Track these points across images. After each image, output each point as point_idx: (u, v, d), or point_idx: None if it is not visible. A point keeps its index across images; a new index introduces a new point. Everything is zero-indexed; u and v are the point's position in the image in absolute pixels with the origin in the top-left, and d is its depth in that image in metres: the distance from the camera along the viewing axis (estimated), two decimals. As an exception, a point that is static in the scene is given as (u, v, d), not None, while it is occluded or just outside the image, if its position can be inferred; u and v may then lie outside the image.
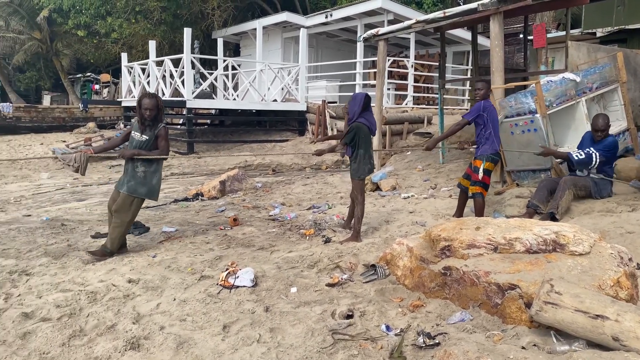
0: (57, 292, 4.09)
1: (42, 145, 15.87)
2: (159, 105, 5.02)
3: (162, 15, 17.69)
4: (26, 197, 8.95)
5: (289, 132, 15.49)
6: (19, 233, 6.12)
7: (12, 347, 3.18)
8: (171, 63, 14.10)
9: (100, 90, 28.75)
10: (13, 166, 12.65)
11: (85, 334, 3.35)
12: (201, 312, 3.63)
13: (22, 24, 23.04)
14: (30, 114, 19.51)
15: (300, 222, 6.36)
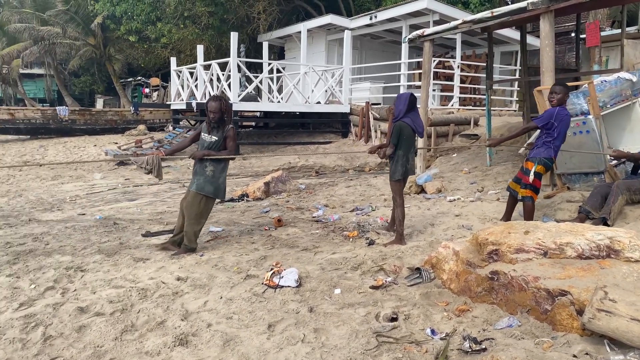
0: (110, 288, 4.26)
1: (95, 146, 16.51)
2: (223, 107, 5.17)
3: (210, 20, 18.09)
4: (81, 197, 9.33)
5: (332, 134, 15.53)
6: (74, 231, 6.41)
7: (68, 339, 3.33)
8: (218, 67, 14.40)
9: (150, 93, 29.66)
10: (69, 166, 13.23)
11: (136, 329, 3.47)
12: (247, 311, 3.69)
13: (77, 30, 24.05)
14: (84, 117, 20.31)
15: (343, 224, 6.37)
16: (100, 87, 32.23)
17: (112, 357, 3.07)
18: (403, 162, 5.33)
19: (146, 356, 3.08)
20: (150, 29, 19.26)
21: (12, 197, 9.44)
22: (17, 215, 7.72)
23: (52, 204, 8.69)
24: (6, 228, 6.75)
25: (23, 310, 3.82)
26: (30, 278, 4.57)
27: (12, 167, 13.00)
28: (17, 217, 7.56)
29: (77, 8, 23.38)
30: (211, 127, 5.27)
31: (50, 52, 27.58)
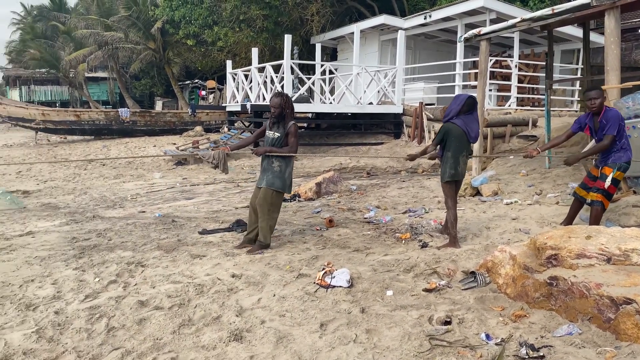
0: (169, 283, 4.42)
1: (154, 147, 17.14)
2: (283, 103, 5.29)
3: (264, 23, 18.39)
4: (141, 195, 9.72)
5: (384, 135, 15.44)
6: (135, 228, 6.68)
7: (130, 331, 3.49)
8: (272, 69, 14.62)
9: (206, 95, 30.51)
10: (130, 166, 13.80)
11: (193, 323, 3.58)
12: (299, 309, 3.74)
13: (139, 35, 25.06)
14: (144, 118, 21.14)
15: (395, 225, 6.32)
16: (159, 89, 33.45)
17: (170, 350, 3.19)
18: (452, 164, 5.23)
19: (202, 350, 3.18)
20: (207, 32, 19.80)
21: (77, 194, 9.94)
22: (82, 212, 8.13)
23: (114, 201, 9.09)
24: (72, 224, 7.13)
25: (88, 302, 4.02)
26: (95, 272, 4.80)
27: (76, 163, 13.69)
28: (82, 213, 7.96)
29: (139, 13, 24.36)
30: (272, 122, 5.41)
31: (113, 57, 28.92)
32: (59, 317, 3.73)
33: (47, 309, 3.89)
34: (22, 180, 11.94)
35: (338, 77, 15.13)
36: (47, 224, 7.22)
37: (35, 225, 7.09)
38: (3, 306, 4.02)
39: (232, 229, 6.33)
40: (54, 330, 3.51)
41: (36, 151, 18.26)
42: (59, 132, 20.98)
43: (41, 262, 5.23)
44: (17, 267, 5.08)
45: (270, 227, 5.40)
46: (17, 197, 9.58)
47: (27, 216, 7.83)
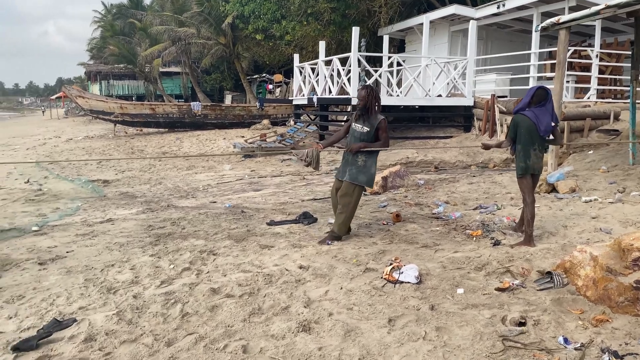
0: (239, 272, 4.53)
1: (224, 139, 17.63)
2: (369, 95, 5.24)
3: (332, 16, 18.40)
4: (212, 186, 10.03)
5: (453, 129, 15.04)
6: (207, 217, 6.90)
7: (203, 317, 3.60)
8: (339, 62, 14.61)
9: (273, 89, 30.99)
10: (202, 158, 14.28)
11: (262, 312, 3.65)
12: (367, 303, 3.72)
13: (210, 30, 25.80)
14: (215, 112, 21.79)
15: (466, 222, 6.15)
16: (228, 83, 34.34)
17: (241, 337, 3.27)
18: (522, 158, 5.03)
19: (272, 339, 3.23)
20: (275, 27, 20.08)
21: (153, 184, 10.41)
22: (158, 201, 8.50)
23: (187, 191, 9.44)
24: (148, 212, 7.47)
25: (164, 288, 4.20)
26: (170, 259, 5.01)
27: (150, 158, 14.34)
28: (158, 202, 8.32)
29: (210, 9, 25.07)
30: (358, 115, 5.39)
31: (186, 52, 29.96)
32: (137, 301, 3.92)
33: (126, 293, 4.11)
34: (102, 170, 12.65)
35: (406, 69, 14.89)
36: (125, 212, 7.62)
37: (114, 213, 7.50)
38: (87, 288, 4.28)
39: (299, 221, 6.40)
40: (132, 313, 3.69)
41: (115, 142, 19.29)
42: (135, 124, 22.05)
43: (120, 248, 5.53)
44: (98, 252, 5.40)
45: (346, 221, 5.41)
46: (98, 186, 10.18)
47: (107, 204, 8.30)
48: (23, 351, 3.16)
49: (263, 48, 24.01)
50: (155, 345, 3.19)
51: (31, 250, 5.61)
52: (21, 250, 5.60)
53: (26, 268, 4.97)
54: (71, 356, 3.11)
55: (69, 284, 4.41)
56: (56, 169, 12.80)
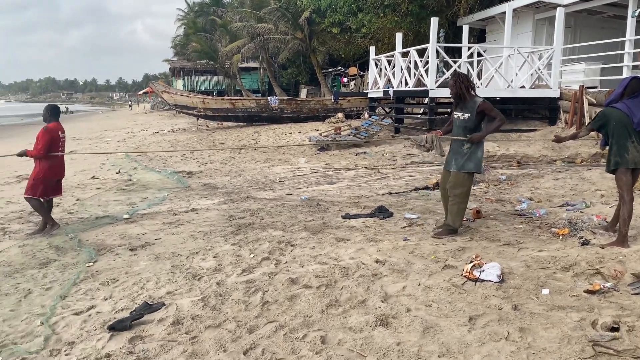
0: (316, 263, 4.59)
1: (299, 133, 17.88)
2: (456, 82, 5.16)
3: (409, 7, 18.09)
4: (288, 178, 10.22)
5: (537, 121, 14.33)
6: (283, 209, 7.05)
7: (282, 306, 3.69)
8: (416, 53, 14.34)
9: (347, 82, 30.99)
10: (278, 151, 14.59)
11: (340, 304, 3.68)
12: (446, 301, 3.65)
13: (287, 25, 26.21)
14: (291, 106, 22.14)
15: (551, 219, 5.85)
16: (304, 77, 34.76)
17: (319, 328, 3.32)
18: (616, 151, 4.70)
19: (350, 331, 3.25)
20: (351, 20, 20.05)
21: (233, 176, 10.77)
22: (237, 192, 8.78)
23: (264, 183, 9.68)
24: (229, 203, 7.75)
25: (245, 276, 4.35)
26: (250, 248, 5.17)
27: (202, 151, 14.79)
28: (237, 194, 8.60)
29: (288, 4, 25.45)
30: (455, 104, 5.36)
31: (264, 47, 30.63)
32: (220, 288, 4.09)
33: (210, 280, 4.29)
34: (186, 162, 13.25)
35: (487, 60, 14.35)
36: (207, 202, 7.94)
37: (198, 203, 7.84)
38: (174, 274, 4.52)
39: (375, 215, 6.38)
40: (216, 299, 3.85)
41: (197, 136, 20.14)
42: (216, 118, 22.89)
43: (204, 236, 5.78)
44: (184, 240, 5.68)
45: (460, 211, 5.31)
46: (182, 177, 10.67)
47: (191, 194, 8.69)
48: (118, 331, 3.39)
49: (339, 41, 24.07)
50: (237, 332, 3.31)
51: (123, 236, 6.00)
52: (114, 237, 6.00)
53: (119, 253, 5.33)
54: (160, 338, 3.29)
55: (157, 270, 4.67)
56: (144, 161, 13.56)
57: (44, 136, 6.10)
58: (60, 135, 6.32)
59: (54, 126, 6.26)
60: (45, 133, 6.12)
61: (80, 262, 5.05)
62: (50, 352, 3.20)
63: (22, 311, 3.90)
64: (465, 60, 14.58)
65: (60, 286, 4.40)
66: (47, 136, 6.11)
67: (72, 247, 5.63)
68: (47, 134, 6.12)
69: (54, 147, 6.20)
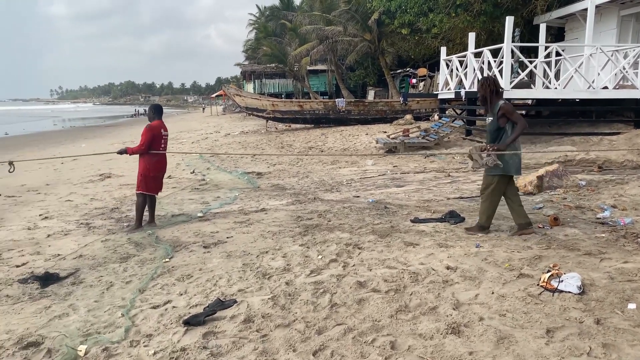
0: (384, 267, 4.55)
1: (367, 135, 17.82)
2: (482, 86, 5.33)
3: (482, 6, 17.56)
4: (355, 180, 10.20)
5: (620, 124, 13.46)
6: (351, 211, 7.05)
7: (350, 309, 3.69)
8: (490, 53, 13.91)
9: (416, 84, 30.55)
10: (345, 153, 14.61)
11: (409, 310, 3.63)
12: (521, 311, 3.50)
13: (356, 27, 26.24)
14: (358, 108, 22.12)
15: (638, 229, 5.47)
16: (372, 79, 34.64)
17: (388, 333, 3.28)
18: None
19: (420, 338, 3.19)
20: (422, 20, 19.75)
21: (300, 178, 10.90)
22: (305, 193, 8.88)
23: (332, 185, 9.72)
24: (297, 204, 7.84)
25: (313, 277, 4.38)
26: (317, 249, 5.21)
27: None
28: (305, 195, 8.69)
29: (357, 7, 25.47)
30: (485, 110, 5.55)
31: (332, 50, 30.83)
32: (289, 287, 4.14)
33: (279, 279, 4.36)
34: (256, 163, 13.57)
35: (566, 60, 13.67)
36: (276, 202, 8.08)
37: (267, 203, 8.00)
38: (245, 272, 4.63)
39: (445, 219, 6.23)
40: (285, 299, 3.91)
41: (266, 137, 20.57)
42: (284, 120, 23.28)
43: (273, 236, 5.88)
44: (254, 239, 5.81)
45: (486, 209, 5.50)
46: (252, 178, 10.94)
47: (260, 195, 8.88)
48: (192, 326, 3.51)
49: (408, 42, 23.80)
50: (306, 332, 3.34)
51: (197, 234, 6.23)
52: (189, 234, 6.24)
53: (193, 250, 5.53)
54: (232, 334, 3.38)
55: (229, 267, 4.81)
56: (216, 161, 14.02)
57: (147, 133, 6.51)
58: (163, 133, 6.69)
59: (156, 124, 6.66)
60: (148, 130, 6.52)
61: (158, 257, 5.29)
62: (130, 342, 3.37)
63: (105, 302, 4.14)
64: (542, 60, 13.96)
65: (139, 280, 4.62)
66: (149, 133, 6.50)
67: (150, 243, 5.91)
68: (150, 131, 6.52)
69: (156, 144, 6.60)
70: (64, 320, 3.81)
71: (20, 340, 3.45)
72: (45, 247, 6.01)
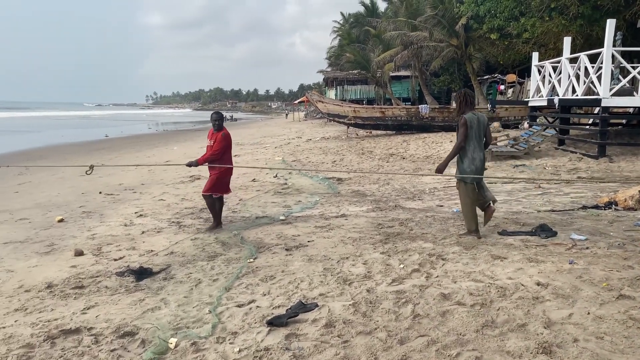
0: (469, 280, 4.40)
1: (451, 142, 17.34)
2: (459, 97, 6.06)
3: (580, 8, 16.58)
4: (438, 189, 9.97)
5: None
6: (434, 220, 6.90)
7: (434, 321, 3.59)
8: (587, 59, 13.09)
9: (504, 90, 29.39)
10: (428, 160, 14.34)
11: (496, 326, 3.47)
12: (621, 335, 3.24)
13: (442, 33, 25.70)
14: (442, 114, 21.63)
15: None
16: (457, 85, 33.75)
17: (474, 348, 3.16)
18: None
19: (508, 356, 3.05)
20: (512, 24, 18.99)
21: (381, 184, 10.83)
22: (386, 200, 8.81)
23: (413, 193, 9.57)
24: (377, 211, 7.80)
25: (395, 286, 4.32)
26: (399, 258, 5.14)
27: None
28: (386, 202, 8.62)
29: (444, 12, 24.97)
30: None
31: (417, 55, 30.42)
32: (370, 295, 4.12)
33: (360, 286, 4.34)
34: (336, 169, 13.65)
35: (675, 65, 12.56)
36: (356, 208, 8.08)
37: (347, 209, 8.02)
38: (325, 277, 4.66)
39: (536, 233, 5.93)
40: (367, 306, 3.88)
41: (347, 144, 20.66)
42: (365, 127, 23.27)
43: (353, 242, 5.88)
44: (334, 245, 5.84)
45: (465, 215, 6.00)
46: (333, 183, 11.02)
47: (341, 200, 8.92)
48: (275, 326, 3.58)
49: (497, 48, 22.99)
50: (388, 341, 3.29)
51: (279, 236, 6.37)
52: (271, 236, 6.39)
53: (276, 252, 5.65)
54: (314, 338, 3.41)
55: (310, 271, 4.86)
56: (298, 166, 14.27)
57: (222, 141, 6.74)
58: (231, 139, 7.00)
59: (229, 133, 6.93)
60: (223, 139, 6.77)
61: (243, 257, 5.46)
62: (217, 339, 3.50)
63: (194, 299, 4.33)
64: (648, 65, 12.92)
65: (225, 279, 4.80)
66: (224, 142, 6.75)
67: (236, 243, 6.12)
68: (225, 140, 6.77)
69: (228, 151, 6.85)
70: (156, 313, 4.03)
71: (118, 330, 3.69)
72: (139, 243, 6.40)
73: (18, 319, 4.03)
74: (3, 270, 5.43)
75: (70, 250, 6.11)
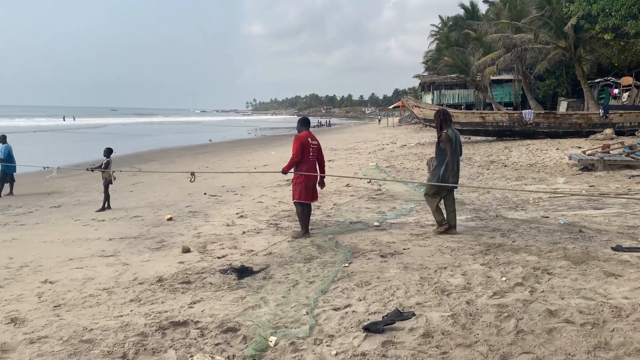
0: (579, 297, 4.11)
1: (557, 150, 16.38)
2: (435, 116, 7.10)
3: None
4: (543, 199, 9.42)
5: None
6: (538, 232, 6.53)
7: (539, 338, 3.40)
8: None
9: (619, 94, 27.15)
10: (531, 169, 13.61)
11: (610, 348, 3.22)
12: None
13: (549, 34, 24.30)
14: (548, 120, 20.44)
15: None
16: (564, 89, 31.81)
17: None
18: None
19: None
20: (630, 23, 17.54)
21: (481, 193, 10.43)
22: (486, 210, 8.47)
23: (516, 203, 9.12)
24: (477, 220, 7.52)
25: (496, 299, 4.14)
26: (501, 271, 4.92)
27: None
28: (486, 212, 8.29)
29: (551, 12, 23.60)
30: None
31: (520, 58, 29.03)
32: (469, 307, 3.98)
33: (459, 297, 4.21)
34: (433, 175, 13.36)
35: None
36: (455, 217, 7.84)
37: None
38: (422, 286, 4.58)
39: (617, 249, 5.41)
40: (466, 318, 3.76)
41: (444, 150, 20.12)
42: (464, 132, 22.49)
43: (451, 252, 5.72)
44: (431, 253, 5.72)
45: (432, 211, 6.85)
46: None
47: (438, 208, 8.70)
48: (372, 332, 3.58)
49: (611, 49, 21.38)
50: (489, 356, 3.17)
51: (374, 242, 6.35)
52: (366, 242, 6.39)
53: (370, 258, 5.65)
54: (411, 347, 3.36)
55: (406, 279, 4.80)
56: (392, 172, 14.16)
57: (295, 143, 6.90)
58: (310, 142, 7.01)
59: (303, 134, 7.02)
60: (295, 141, 6.91)
61: (338, 261, 5.52)
62: (314, 340, 3.56)
63: (291, 299, 4.44)
64: None
65: (321, 281, 4.87)
66: (297, 143, 6.88)
67: (331, 247, 6.19)
68: (297, 141, 6.90)
69: (305, 153, 6.92)
70: (256, 311, 4.18)
71: (221, 325, 3.88)
72: (240, 242, 6.69)
73: (133, 309, 4.37)
74: (120, 263, 5.92)
75: (178, 247, 6.53)
